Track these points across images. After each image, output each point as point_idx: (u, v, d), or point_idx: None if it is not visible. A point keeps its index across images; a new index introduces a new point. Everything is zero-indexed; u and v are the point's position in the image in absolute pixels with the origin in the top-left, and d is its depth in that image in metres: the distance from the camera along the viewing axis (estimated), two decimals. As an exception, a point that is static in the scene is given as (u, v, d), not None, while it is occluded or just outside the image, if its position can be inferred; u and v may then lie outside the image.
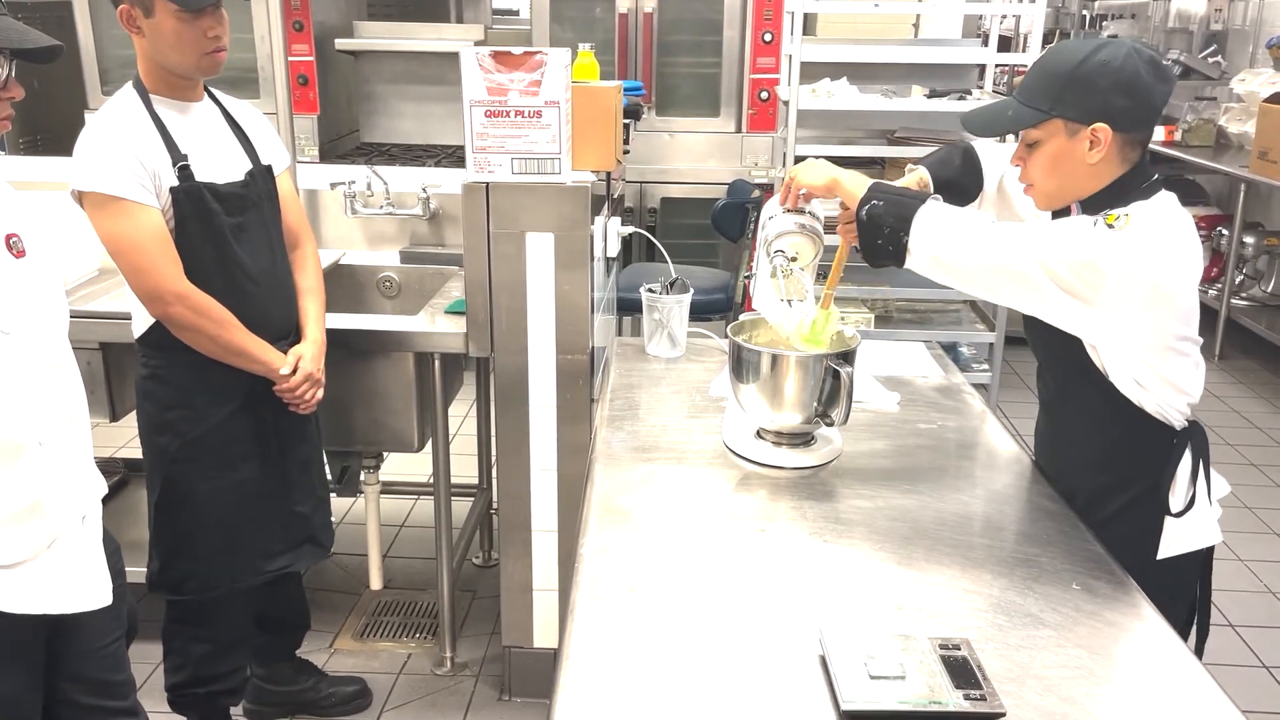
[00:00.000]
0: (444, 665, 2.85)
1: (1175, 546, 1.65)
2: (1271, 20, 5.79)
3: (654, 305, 2.33)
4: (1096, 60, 1.53)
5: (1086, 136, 1.55)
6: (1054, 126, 1.57)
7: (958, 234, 1.56)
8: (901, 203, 1.61)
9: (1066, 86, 1.54)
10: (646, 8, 4.58)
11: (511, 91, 2.31)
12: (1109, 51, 1.54)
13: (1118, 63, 1.52)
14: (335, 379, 2.34)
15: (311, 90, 4.53)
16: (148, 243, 1.99)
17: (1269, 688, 2.87)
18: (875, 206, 1.61)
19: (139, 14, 1.97)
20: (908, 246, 1.59)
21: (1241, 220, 5.21)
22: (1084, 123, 1.54)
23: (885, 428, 1.98)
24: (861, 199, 1.63)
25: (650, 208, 4.76)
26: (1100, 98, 1.53)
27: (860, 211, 1.63)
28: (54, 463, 1.59)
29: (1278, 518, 3.80)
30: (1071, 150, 1.57)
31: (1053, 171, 1.60)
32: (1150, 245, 1.50)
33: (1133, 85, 1.53)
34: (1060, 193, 1.64)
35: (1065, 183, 1.61)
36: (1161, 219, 1.54)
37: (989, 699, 1.17)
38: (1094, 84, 1.53)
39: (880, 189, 1.64)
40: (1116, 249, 1.48)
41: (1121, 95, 1.53)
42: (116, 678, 1.83)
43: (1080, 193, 1.62)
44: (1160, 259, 1.50)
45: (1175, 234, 1.53)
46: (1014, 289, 1.55)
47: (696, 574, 1.48)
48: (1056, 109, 1.55)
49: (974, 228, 1.57)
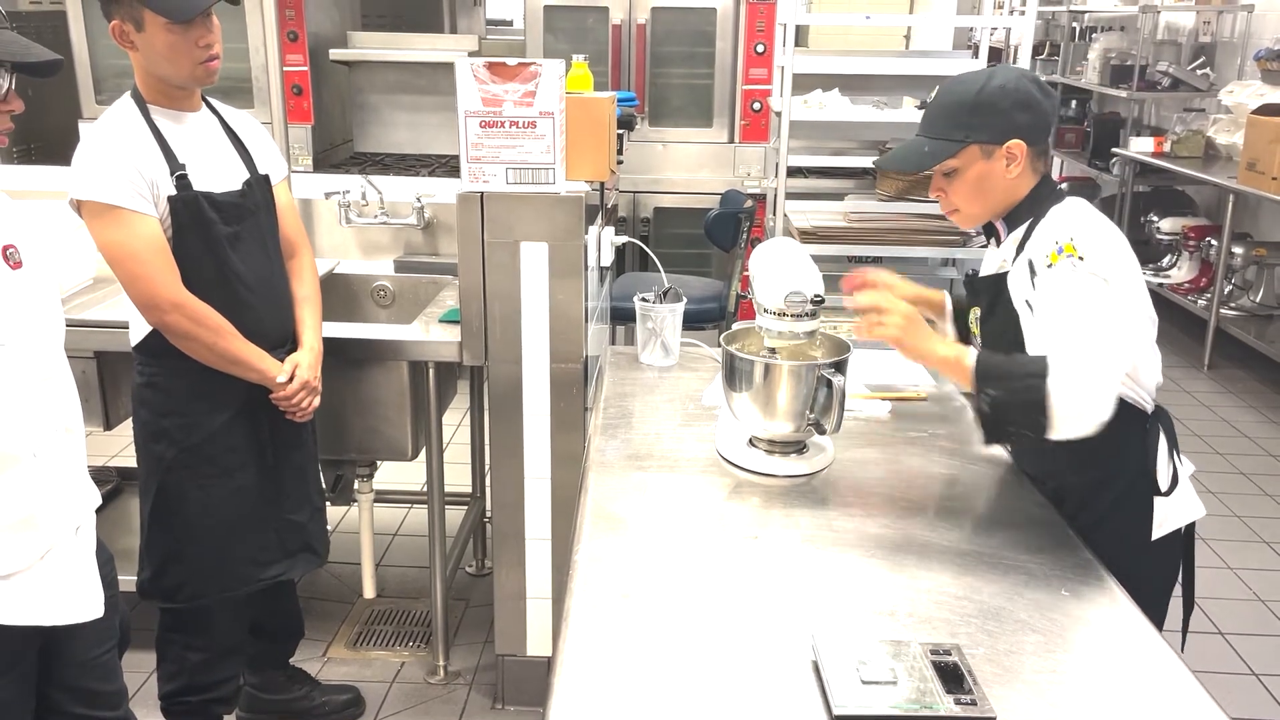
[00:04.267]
0: (437, 674, 2.85)
1: (1166, 525, 1.72)
2: (1259, 33, 5.84)
3: (647, 314, 2.35)
4: (994, 86, 1.66)
5: (1003, 155, 1.67)
6: (970, 153, 1.68)
7: (1085, 390, 1.54)
8: (1026, 387, 1.55)
9: (973, 113, 1.66)
10: (640, 19, 4.60)
11: (506, 102, 2.33)
12: (1001, 76, 1.68)
13: (1012, 84, 1.66)
14: (329, 387, 2.35)
15: (306, 100, 4.55)
16: (145, 251, 2.00)
17: (1257, 694, 2.89)
18: (996, 398, 1.58)
19: (131, 29, 1.98)
20: (1050, 424, 1.55)
21: (1230, 231, 5.24)
22: (998, 142, 1.66)
23: (877, 436, 1.99)
24: (976, 389, 1.60)
25: (644, 217, 4.78)
26: (1006, 117, 1.66)
27: (981, 406, 1.60)
28: (48, 474, 1.59)
29: (1266, 526, 3.82)
30: (991, 170, 1.68)
31: (976, 193, 1.71)
32: (1106, 244, 1.60)
33: (1029, 102, 1.66)
34: (985, 212, 1.75)
35: (988, 201, 1.72)
36: (1088, 219, 1.64)
37: (979, 704, 1.18)
38: (997, 106, 1.65)
39: (988, 373, 1.59)
40: (1100, 269, 1.57)
41: (1022, 112, 1.66)
42: (108, 688, 1.82)
43: (1001, 208, 1.73)
44: (1119, 251, 1.62)
45: (1109, 227, 1.64)
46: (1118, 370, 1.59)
47: (690, 581, 1.49)
48: (971, 135, 1.67)
49: (1089, 372, 1.55)
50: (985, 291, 1.78)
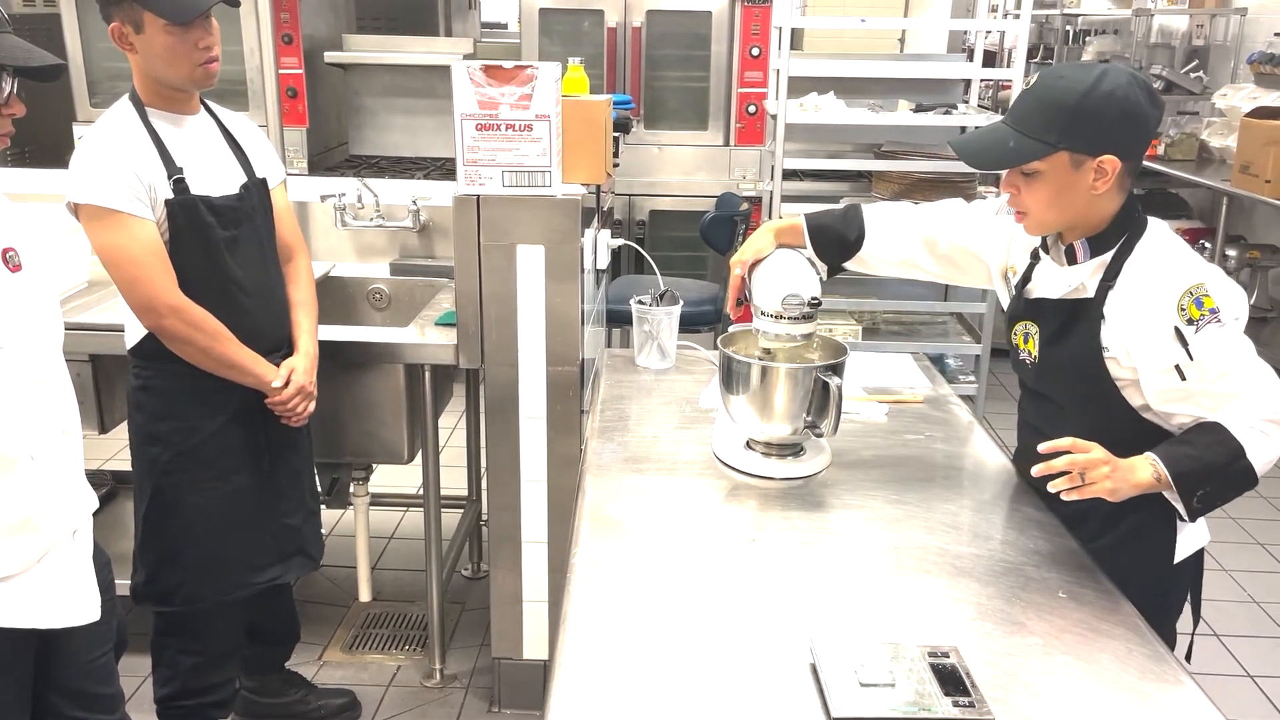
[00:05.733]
0: (433, 677, 2.85)
1: (1186, 548, 1.69)
2: (1252, 36, 5.85)
3: (644, 317, 2.35)
4: (1102, 91, 1.51)
5: (1092, 168, 1.54)
6: (1059, 159, 1.54)
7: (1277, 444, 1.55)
8: (1235, 473, 1.54)
9: (1074, 118, 1.52)
10: (635, 22, 4.61)
11: (502, 105, 2.33)
12: (1111, 81, 1.52)
13: (1122, 93, 1.51)
14: (325, 391, 2.34)
15: (301, 103, 4.54)
16: (142, 255, 1.99)
17: (1254, 697, 2.89)
18: (1208, 494, 1.56)
19: (130, 31, 1.98)
20: (1254, 485, 1.57)
21: (1224, 233, 5.25)
22: (1091, 155, 1.53)
23: (873, 439, 1.99)
24: (1184, 498, 1.56)
25: (639, 220, 4.78)
26: (1107, 129, 1.52)
27: (1194, 506, 1.57)
28: (46, 477, 1.59)
29: (1262, 528, 3.83)
30: (1076, 182, 1.55)
31: (1054, 203, 1.58)
32: (1219, 274, 1.55)
33: (1136, 115, 1.53)
34: (1058, 223, 1.63)
35: (1065, 213, 1.60)
36: (1190, 252, 1.59)
37: (977, 706, 1.18)
38: (1101, 116, 1.51)
39: (1192, 477, 1.54)
40: (1232, 309, 1.52)
41: (1126, 126, 1.53)
42: (105, 691, 1.82)
43: (1076, 221, 1.62)
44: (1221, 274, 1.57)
45: (1201, 262, 1.58)
46: None
47: (687, 584, 1.49)
48: (1064, 141, 1.53)
49: (1274, 426, 1.55)
50: (1055, 314, 1.68)
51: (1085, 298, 1.64)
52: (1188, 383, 1.55)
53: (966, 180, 4.10)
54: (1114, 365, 1.62)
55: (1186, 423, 1.61)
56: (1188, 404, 1.58)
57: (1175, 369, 1.55)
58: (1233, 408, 1.55)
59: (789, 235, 1.94)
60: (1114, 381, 1.63)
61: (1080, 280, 1.64)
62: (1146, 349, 1.57)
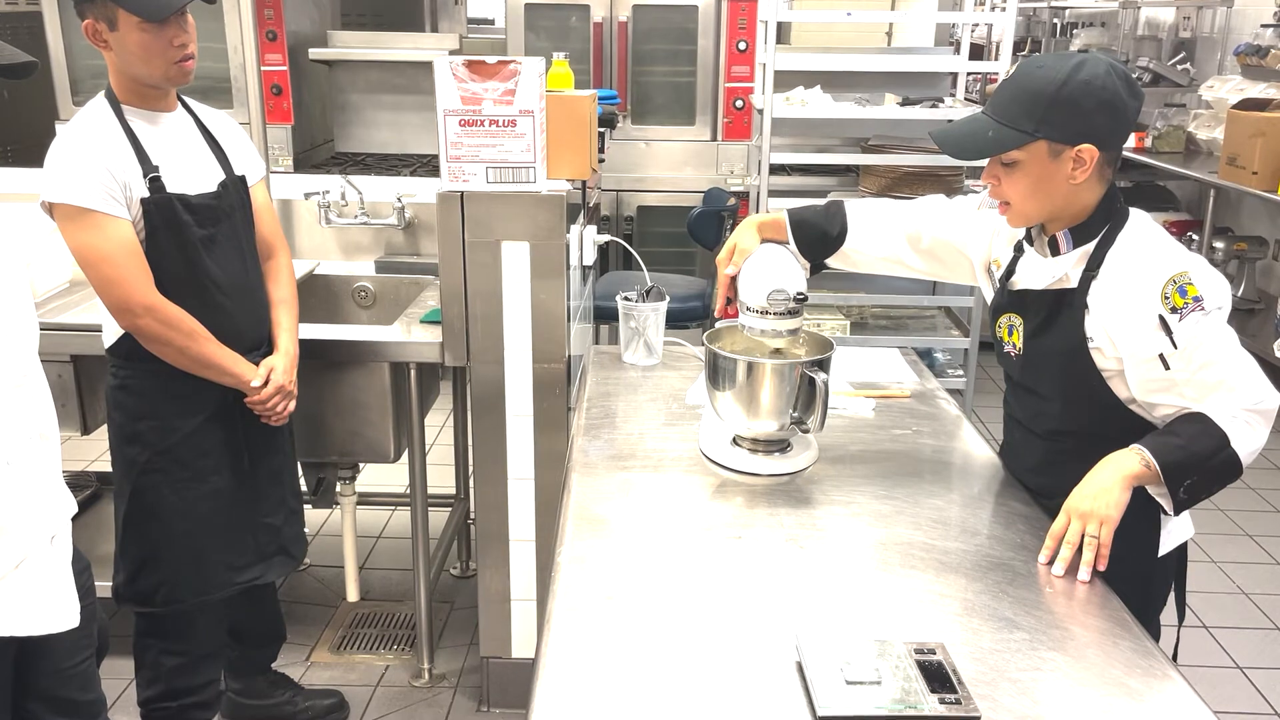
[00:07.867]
0: (422, 677, 2.84)
1: (1170, 541, 1.69)
2: (1239, 28, 5.86)
3: (630, 313, 2.33)
4: (1079, 80, 1.51)
5: (1070, 157, 1.54)
6: (1037, 148, 1.54)
7: (1261, 431, 1.56)
8: (1220, 463, 1.55)
9: (1051, 107, 1.52)
10: (621, 17, 4.59)
11: (486, 100, 2.31)
12: (1089, 70, 1.52)
13: (1099, 82, 1.51)
14: (310, 390, 2.32)
15: (285, 100, 4.51)
16: (117, 254, 1.97)
17: (1242, 688, 2.90)
18: (1194, 484, 1.57)
19: (104, 28, 1.96)
20: (1239, 474, 1.57)
21: (1211, 225, 5.27)
22: (1069, 144, 1.53)
23: (861, 434, 1.99)
24: (1170, 488, 1.56)
25: (626, 216, 4.77)
26: (1085, 118, 1.52)
27: (1180, 497, 1.57)
28: (22, 482, 1.56)
29: (1250, 519, 3.84)
30: (1055, 171, 1.56)
31: (1034, 193, 1.58)
32: (1202, 262, 1.56)
33: (1114, 104, 1.53)
34: (1039, 213, 1.63)
35: (1045, 203, 1.60)
36: (1173, 241, 1.59)
37: (964, 702, 1.17)
38: (1079, 105, 1.51)
39: (1178, 467, 1.55)
40: (1215, 298, 1.52)
41: (1104, 115, 1.53)
42: (86, 697, 1.80)
43: (1058, 212, 1.62)
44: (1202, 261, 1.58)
45: (1184, 250, 1.59)
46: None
47: (674, 582, 1.48)
48: (1041, 130, 1.53)
49: (1257, 415, 1.55)
50: (1039, 306, 1.68)
51: (1069, 288, 1.64)
52: (1171, 372, 1.55)
53: (954, 173, 4.09)
54: (1098, 356, 1.61)
55: (1170, 414, 1.60)
56: (1171, 394, 1.57)
57: (1159, 358, 1.55)
58: (1216, 398, 1.55)
59: (772, 230, 1.93)
60: (1099, 373, 1.62)
61: (1064, 271, 1.64)
62: (1131, 338, 1.56)
